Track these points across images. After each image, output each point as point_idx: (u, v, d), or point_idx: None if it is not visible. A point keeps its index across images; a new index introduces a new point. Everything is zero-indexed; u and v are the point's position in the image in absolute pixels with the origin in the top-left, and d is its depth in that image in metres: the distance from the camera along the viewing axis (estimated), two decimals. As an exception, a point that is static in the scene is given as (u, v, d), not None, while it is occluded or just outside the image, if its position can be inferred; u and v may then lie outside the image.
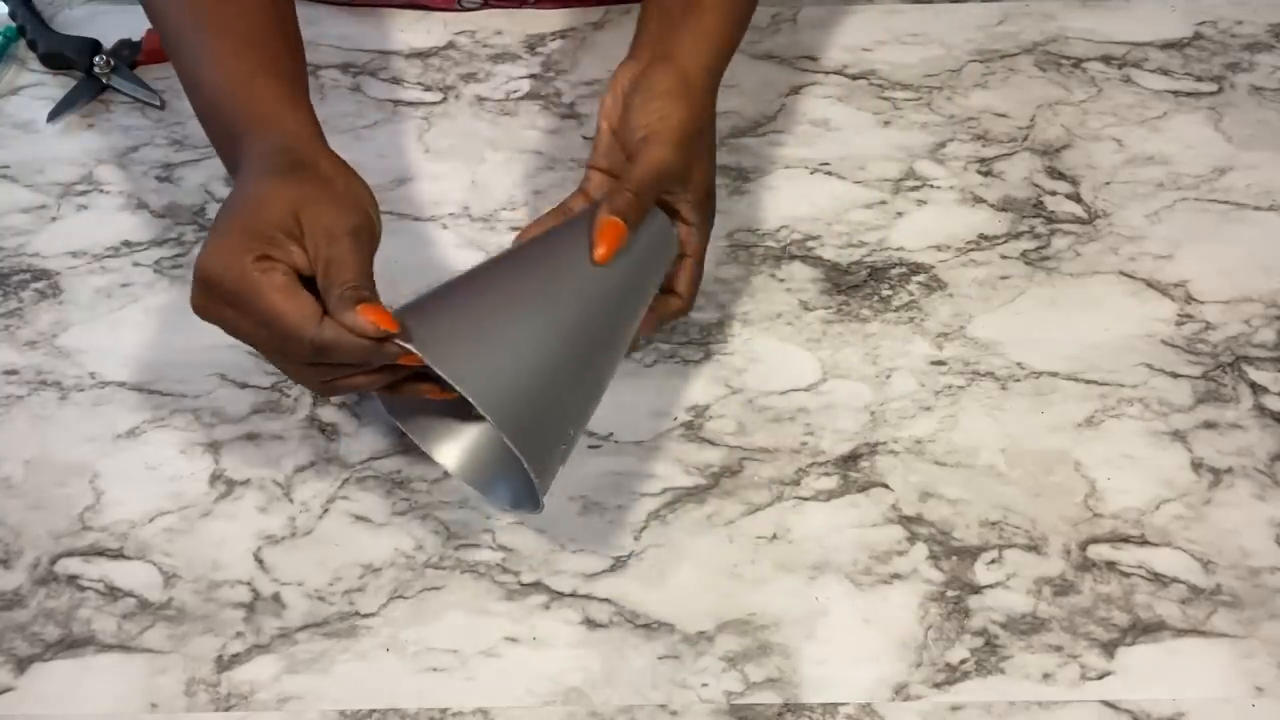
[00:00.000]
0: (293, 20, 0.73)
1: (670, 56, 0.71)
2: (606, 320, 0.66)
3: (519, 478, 0.68)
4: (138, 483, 0.74)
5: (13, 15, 1.00)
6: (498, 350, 0.62)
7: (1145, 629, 0.67)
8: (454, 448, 0.70)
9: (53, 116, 0.94)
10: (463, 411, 0.68)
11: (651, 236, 0.68)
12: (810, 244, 0.85)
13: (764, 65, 0.97)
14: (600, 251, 0.64)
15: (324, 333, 0.60)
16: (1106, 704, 0.64)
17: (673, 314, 0.72)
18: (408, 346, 0.60)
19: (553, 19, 1.00)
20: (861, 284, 0.83)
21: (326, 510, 0.73)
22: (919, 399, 0.77)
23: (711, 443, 0.75)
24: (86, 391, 0.78)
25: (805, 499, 0.72)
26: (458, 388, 0.59)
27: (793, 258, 0.84)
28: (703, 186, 0.71)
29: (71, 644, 0.68)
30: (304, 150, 0.65)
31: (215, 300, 0.62)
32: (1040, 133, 0.91)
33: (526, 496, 0.68)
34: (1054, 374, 0.78)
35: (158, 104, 0.95)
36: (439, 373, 0.60)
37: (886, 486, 0.73)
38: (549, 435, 0.63)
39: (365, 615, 0.68)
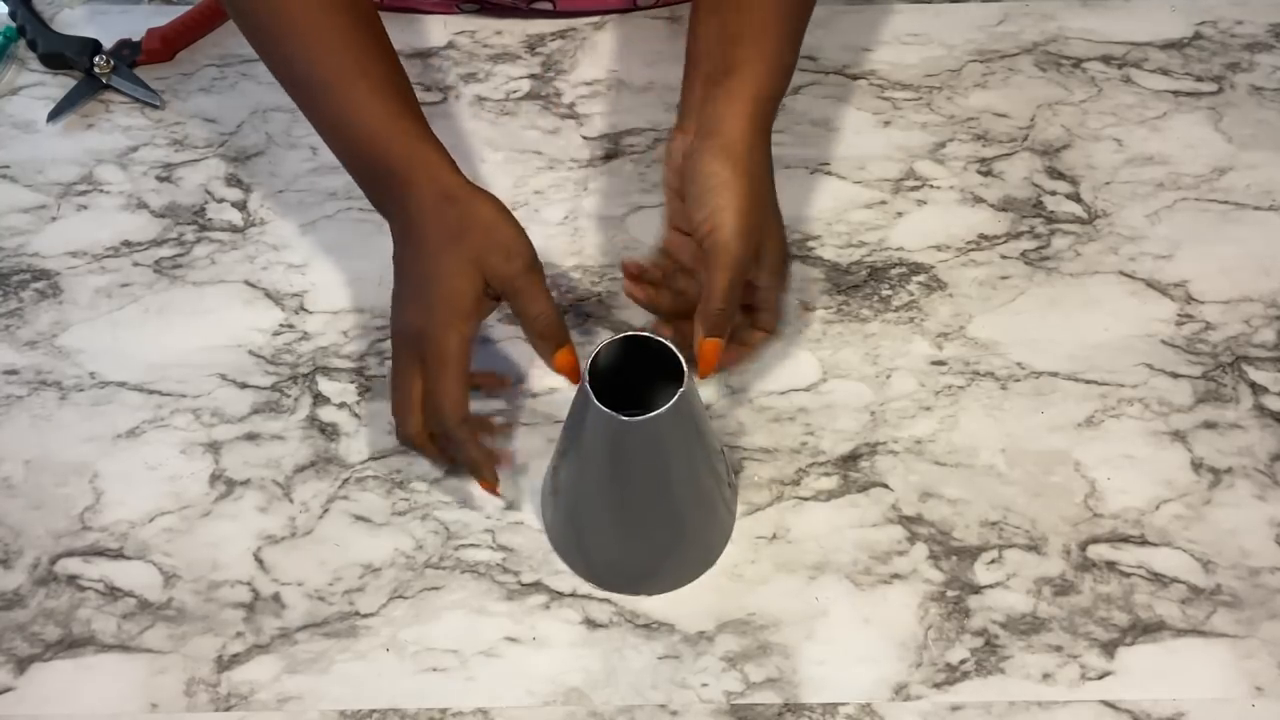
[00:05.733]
0: (387, 39, 0.75)
1: (714, 133, 0.69)
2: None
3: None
4: (138, 483, 0.74)
5: (13, 15, 1.00)
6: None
7: (1145, 629, 0.67)
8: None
9: (53, 116, 0.94)
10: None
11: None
12: (810, 244, 0.85)
13: (764, 65, 0.97)
14: (702, 370, 0.69)
15: (460, 431, 0.68)
16: (1106, 704, 0.64)
17: (760, 343, 0.77)
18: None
19: (552, 20, 1.00)
20: (861, 284, 0.83)
21: (326, 510, 0.73)
22: (919, 399, 0.77)
23: (711, 443, 0.75)
24: (86, 391, 0.78)
25: (805, 499, 0.72)
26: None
27: (793, 258, 0.84)
28: (777, 252, 0.72)
29: (71, 644, 0.68)
30: (460, 195, 0.70)
31: (411, 355, 0.69)
32: (1040, 133, 0.91)
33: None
34: (1054, 374, 0.78)
35: (158, 104, 0.95)
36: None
37: (886, 486, 0.73)
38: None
39: (365, 615, 0.68)
